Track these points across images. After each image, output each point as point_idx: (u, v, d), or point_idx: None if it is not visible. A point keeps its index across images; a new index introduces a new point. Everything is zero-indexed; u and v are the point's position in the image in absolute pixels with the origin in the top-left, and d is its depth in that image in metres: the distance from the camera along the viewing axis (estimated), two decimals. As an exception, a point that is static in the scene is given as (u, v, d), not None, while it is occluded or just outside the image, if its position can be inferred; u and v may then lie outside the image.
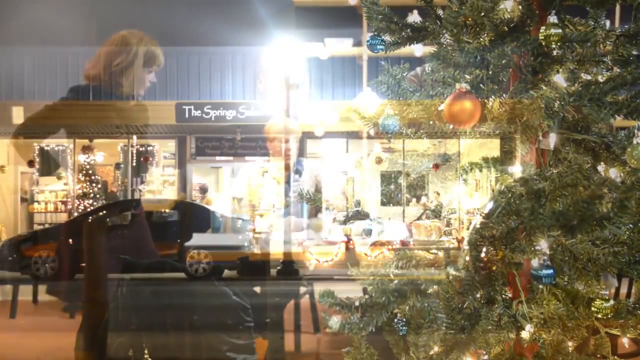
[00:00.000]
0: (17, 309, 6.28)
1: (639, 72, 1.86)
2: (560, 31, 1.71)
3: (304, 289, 4.92)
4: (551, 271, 1.73)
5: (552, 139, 1.85)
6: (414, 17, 1.97)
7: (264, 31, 10.51)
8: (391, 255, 2.47)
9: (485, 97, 1.88)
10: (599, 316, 1.80)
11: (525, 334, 1.80)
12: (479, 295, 1.89)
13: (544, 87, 1.83)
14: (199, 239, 5.10)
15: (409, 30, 1.94)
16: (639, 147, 1.68)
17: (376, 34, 1.95)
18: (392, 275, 2.05)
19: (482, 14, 1.79)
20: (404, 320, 2.00)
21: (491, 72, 1.92)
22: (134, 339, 3.03)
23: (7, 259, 8.17)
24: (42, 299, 6.69)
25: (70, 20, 9.51)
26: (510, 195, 1.81)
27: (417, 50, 2.03)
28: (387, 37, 1.95)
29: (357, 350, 2.11)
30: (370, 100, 2.09)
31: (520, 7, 1.91)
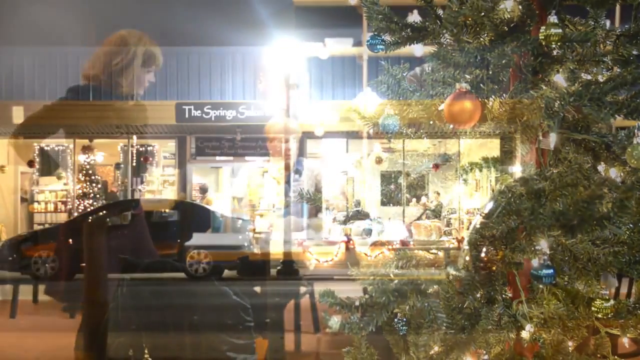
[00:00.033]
0: (17, 309, 6.28)
1: (639, 72, 1.86)
2: (560, 31, 1.71)
3: (304, 289, 4.92)
4: (551, 271, 1.73)
5: (552, 139, 1.85)
6: (414, 17, 1.97)
7: (264, 31, 10.52)
8: (391, 255, 2.47)
9: (485, 97, 1.88)
10: (599, 316, 1.80)
11: (525, 334, 1.80)
12: (479, 295, 1.89)
13: (544, 87, 1.83)
14: (199, 239, 5.09)
15: (409, 30, 1.94)
16: (639, 147, 1.68)
17: (376, 33, 1.95)
18: (392, 275, 2.05)
19: (482, 13, 1.79)
20: (404, 320, 2.00)
21: (491, 72, 1.93)
22: (134, 339, 3.03)
23: (7, 259, 8.18)
24: (42, 299, 6.68)
25: (70, 20, 9.51)
26: (510, 195, 1.80)
27: (417, 50, 2.02)
28: (387, 37, 1.95)
29: (357, 350, 2.11)
30: (370, 100, 2.09)
31: (520, 7, 1.91)
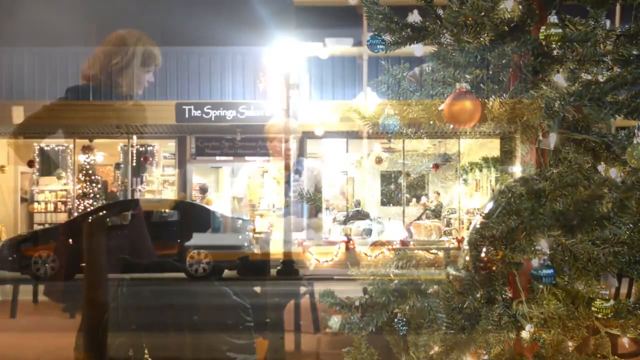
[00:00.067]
0: (17, 309, 6.28)
1: (639, 72, 1.86)
2: (560, 31, 1.71)
3: (304, 289, 4.92)
4: (551, 271, 1.73)
5: (552, 139, 1.85)
6: (414, 17, 1.97)
7: (264, 31, 10.52)
8: (391, 255, 2.47)
9: (485, 97, 1.88)
10: (599, 316, 1.80)
11: (525, 334, 1.80)
12: (479, 295, 1.89)
13: (544, 87, 1.83)
14: (199, 239, 5.09)
15: (409, 30, 1.94)
16: (639, 147, 1.68)
17: (376, 33, 1.95)
18: (392, 275, 2.05)
19: (482, 13, 1.79)
20: (404, 320, 2.00)
21: (491, 72, 1.93)
22: (134, 339, 3.02)
23: (7, 259, 8.19)
24: (42, 299, 6.68)
25: (70, 20, 9.52)
26: (510, 195, 1.80)
27: (417, 50, 2.02)
28: (387, 37, 1.95)
29: (357, 350, 2.11)
30: (370, 100, 2.09)
31: (520, 7, 1.91)
